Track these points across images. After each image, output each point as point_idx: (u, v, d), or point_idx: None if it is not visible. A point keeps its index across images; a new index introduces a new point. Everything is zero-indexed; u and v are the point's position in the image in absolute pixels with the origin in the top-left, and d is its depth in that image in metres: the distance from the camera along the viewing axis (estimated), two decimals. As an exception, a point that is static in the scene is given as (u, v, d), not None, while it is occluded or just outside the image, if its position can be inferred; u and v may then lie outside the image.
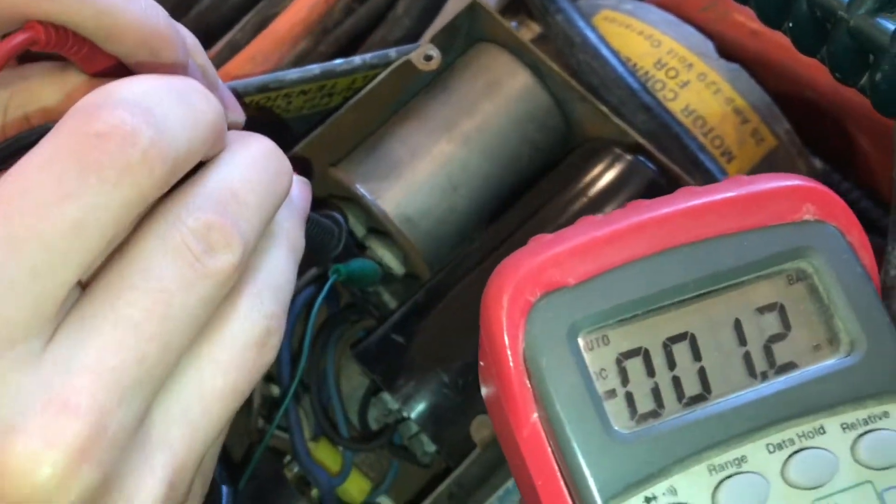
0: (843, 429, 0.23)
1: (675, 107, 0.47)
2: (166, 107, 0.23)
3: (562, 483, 0.22)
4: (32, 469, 0.20)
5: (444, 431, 0.39)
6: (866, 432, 0.23)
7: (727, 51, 0.51)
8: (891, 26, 0.27)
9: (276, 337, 0.26)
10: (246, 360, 0.25)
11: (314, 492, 0.40)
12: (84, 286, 0.23)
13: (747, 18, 0.52)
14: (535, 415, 0.22)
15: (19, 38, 0.24)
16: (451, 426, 0.38)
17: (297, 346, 0.40)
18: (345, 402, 0.42)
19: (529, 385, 0.22)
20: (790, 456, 0.22)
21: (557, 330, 0.22)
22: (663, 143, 0.44)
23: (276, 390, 0.41)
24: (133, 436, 0.22)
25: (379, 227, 0.42)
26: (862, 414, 0.23)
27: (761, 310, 0.24)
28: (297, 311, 0.40)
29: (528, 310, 0.23)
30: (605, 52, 0.47)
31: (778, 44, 0.50)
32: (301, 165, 0.38)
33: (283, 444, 0.41)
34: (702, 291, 0.23)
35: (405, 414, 0.39)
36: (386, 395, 0.40)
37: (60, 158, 0.21)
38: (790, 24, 0.31)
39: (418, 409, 0.39)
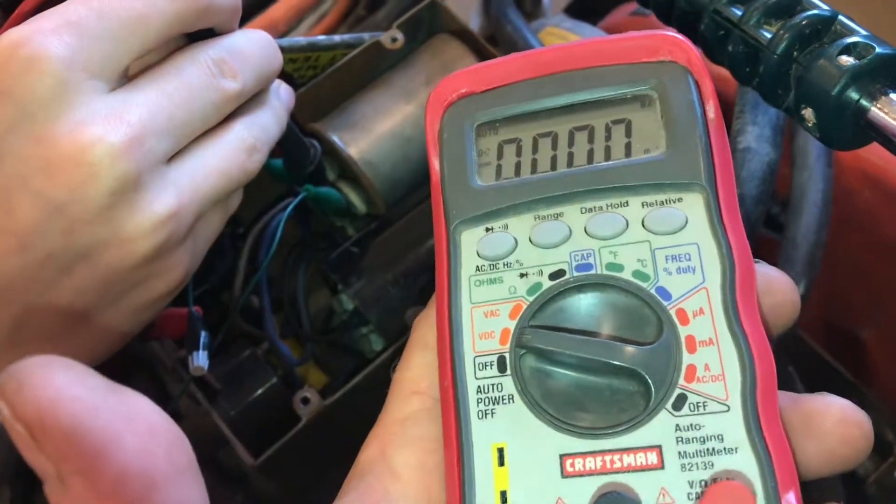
0: (643, 206, 0.28)
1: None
2: None
3: (443, 214, 0.30)
4: (94, 144, 0.31)
5: (386, 320, 0.48)
6: (658, 209, 0.28)
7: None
8: (768, 34, 0.33)
9: (259, 154, 0.37)
10: (238, 156, 0.36)
11: (280, 372, 0.49)
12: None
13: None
14: (438, 168, 0.31)
15: None
16: (391, 316, 0.48)
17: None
18: (311, 315, 0.51)
19: (438, 151, 0.32)
20: (595, 216, 0.29)
21: (461, 120, 0.32)
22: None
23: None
24: (158, 164, 0.33)
25: (348, 173, 0.52)
26: (661, 197, 0.29)
27: (613, 122, 0.31)
28: (275, 229, 0.49)
29: (447, 106, 0.32)
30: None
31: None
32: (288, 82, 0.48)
33: (260, 336, 0.50)
34: (569, 103, 0.31)
35: (356, 306, 0.48)
36: (342, 296, 0.49)
37: None
38: (702, 37, 0.37)
39: (367, 304, 0.48)
